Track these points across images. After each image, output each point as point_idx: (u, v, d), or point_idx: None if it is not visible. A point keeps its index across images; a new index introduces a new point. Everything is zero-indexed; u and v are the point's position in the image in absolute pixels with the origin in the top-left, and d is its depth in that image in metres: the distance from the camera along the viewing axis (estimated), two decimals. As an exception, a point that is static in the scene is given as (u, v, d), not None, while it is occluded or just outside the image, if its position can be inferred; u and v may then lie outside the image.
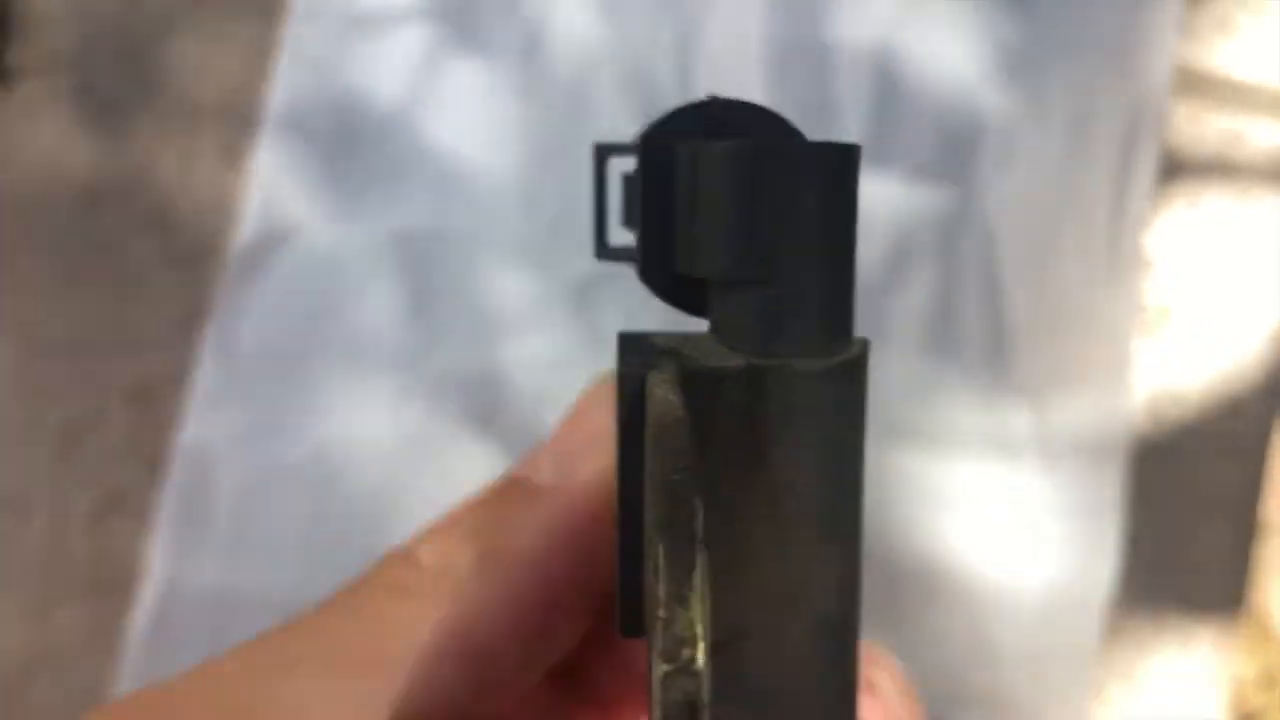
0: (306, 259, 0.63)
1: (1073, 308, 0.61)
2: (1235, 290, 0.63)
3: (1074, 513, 0.60)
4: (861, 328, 0.16)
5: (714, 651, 0.14)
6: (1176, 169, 0.64)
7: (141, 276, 0.64)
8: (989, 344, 0.61)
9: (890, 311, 0.61)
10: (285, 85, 0.65)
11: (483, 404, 0.62)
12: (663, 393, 0.14)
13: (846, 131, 0.63)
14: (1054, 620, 0.59)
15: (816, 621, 0.15)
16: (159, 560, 0.61)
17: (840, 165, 0.15)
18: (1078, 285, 0.61)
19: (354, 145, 0.65)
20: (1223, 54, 0.66)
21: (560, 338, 0.62)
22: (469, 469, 0.61)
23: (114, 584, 0.62)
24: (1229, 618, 0.59)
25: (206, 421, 0.62)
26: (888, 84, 0.64)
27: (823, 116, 0.64)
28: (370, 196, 0.64)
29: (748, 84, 0.64)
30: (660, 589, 0.13)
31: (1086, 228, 0.63)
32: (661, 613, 0.13)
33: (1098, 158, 0.64)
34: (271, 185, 0.64)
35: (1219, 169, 0.64)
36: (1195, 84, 0.65)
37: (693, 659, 0.13)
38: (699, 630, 0.13)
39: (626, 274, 0.17)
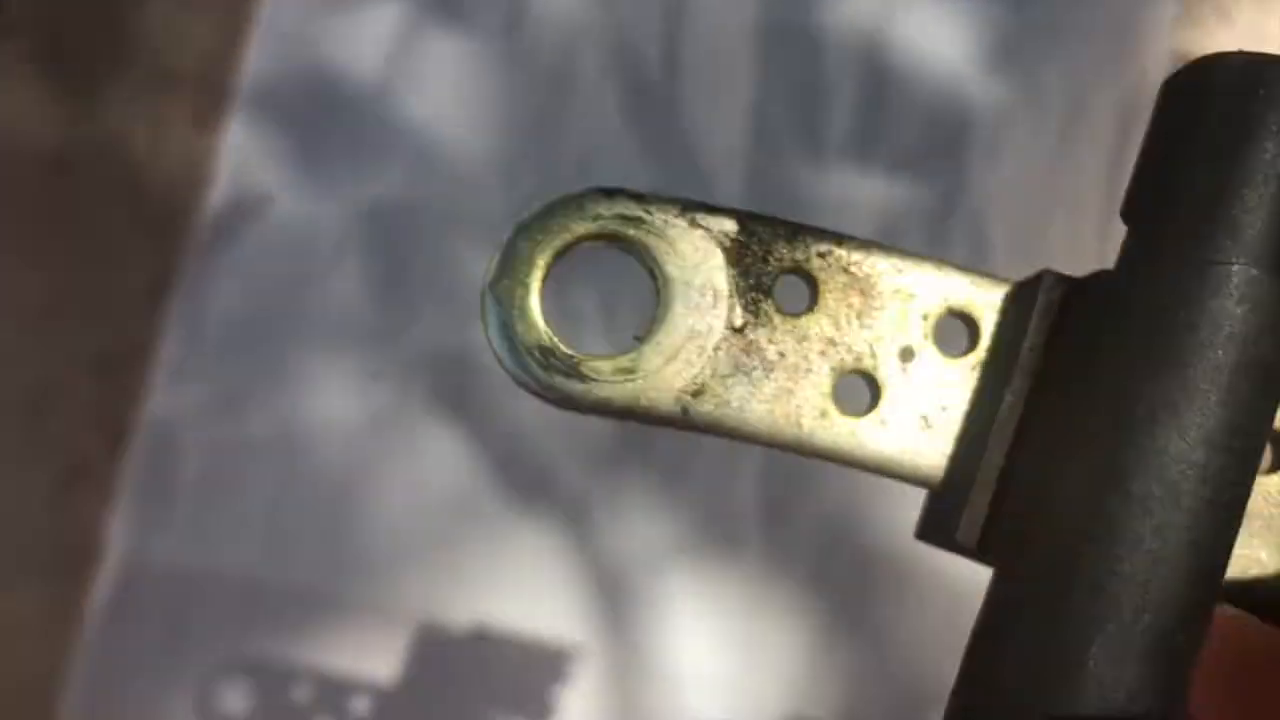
0: (278, 231, 0.62)
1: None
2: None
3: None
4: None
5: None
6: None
7: (110, 245, 0.63)
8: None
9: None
10: (260, 54, 0.63)
11: (455, 384, 0.61)
12: None
13: (833, 118, 0.62)
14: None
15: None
16: (121, 535, 0.60)
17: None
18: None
19: (329, 117, 0.63)
20: (1222, 42, 0.64)
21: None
22: (439, 451, 0.60)
23: (75, 558, 0.61)
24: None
25: (172, 394, 0.61)
26: (877, 70, 0.63)
27: (810, 103, 0.62)
28: (344, 169, 0.63)
29: (736, 67, 0.63)
30: None
31: (1078, 219, 0.62)
32: None
33: (1091, 148, 0.62)
34: (244, 155, 0.63)
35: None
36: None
37: None
38: None
39: (602, 255, 0.17)
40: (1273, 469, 0.17)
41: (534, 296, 0.16)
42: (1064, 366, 0.16)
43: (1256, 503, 0.16)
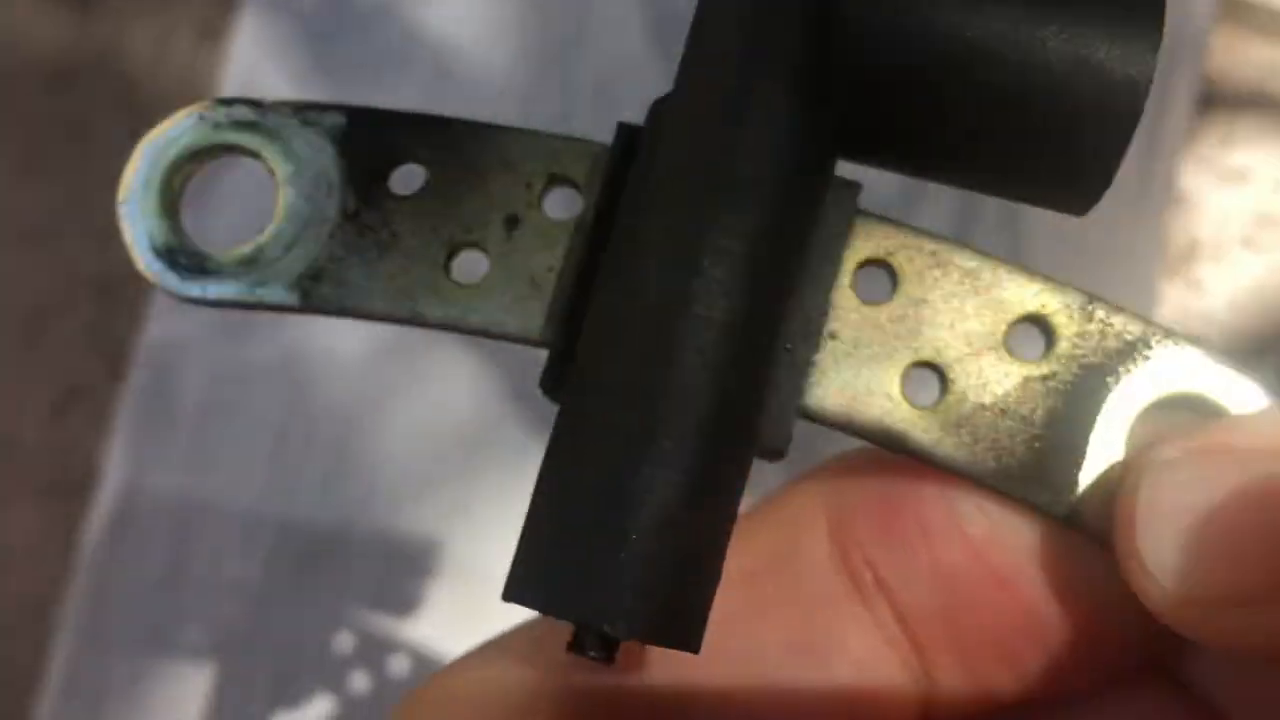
0: (286, 151, 0.60)
1: (1096, 242, 0.58)
2: (1265, 231, 0.60)
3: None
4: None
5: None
6: (1213, 100, 0.61)
7: (111, 161, 0.60)
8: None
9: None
10: (270, -37, 0.61)
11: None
12: None
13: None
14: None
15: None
16: (119, 461, 0.58)
17: None
18: (1102, 218, 0.58)
19: (342, 31, 0.61)
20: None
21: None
22: (445, 379, 0.58)
23: (71, 483, 0.59)
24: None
25: (173, 318, 0.59)
26: None
27: None
28: (357, 87, 0.60)
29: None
30: None
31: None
32: None
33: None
34: (251, 70, 0.60)
35: (1256, 103, 0.61)
36: (1235, 11, 0.61)
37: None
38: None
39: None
40: (885, 298, 0.18)
41: (160, 203, 0.18)
42: (623, 200, 0.17)
43: (864, 330, 0.18)
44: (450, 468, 0.58)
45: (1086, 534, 0.17)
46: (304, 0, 0.61)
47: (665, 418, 0.15)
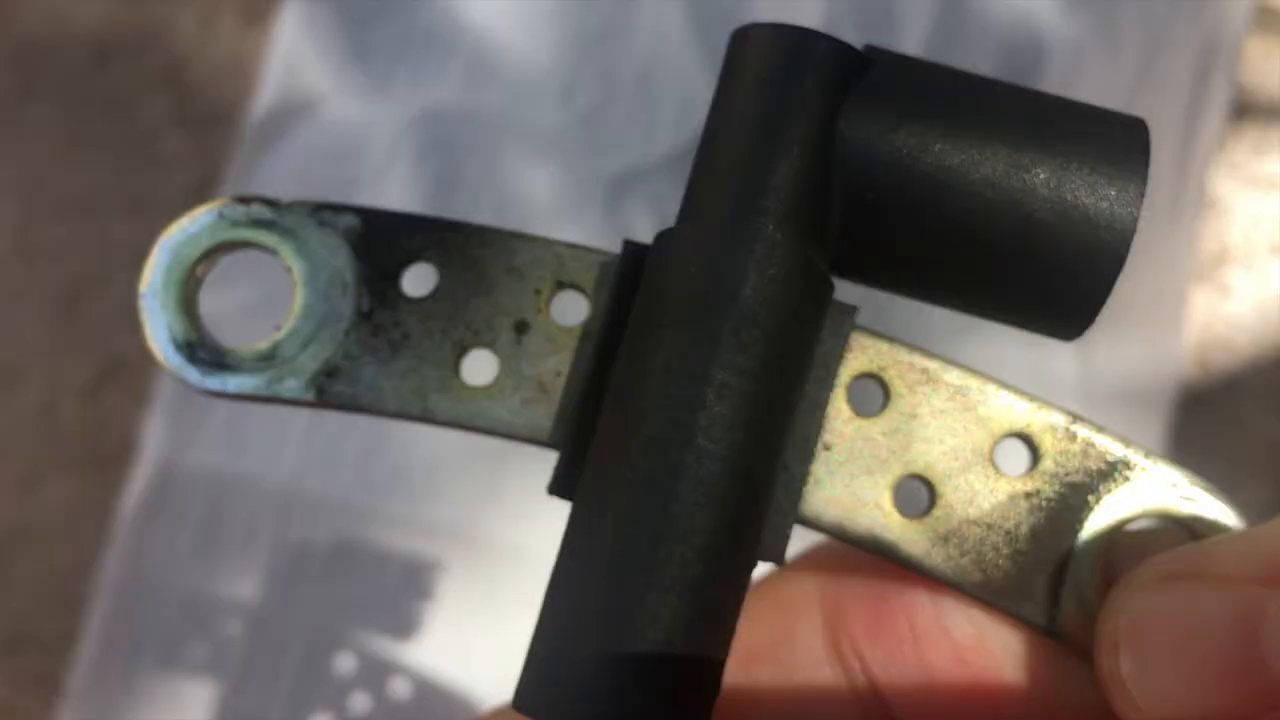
0: (327, 134, 0.60)
1: (1127, 245, 0.58)
2: (1297, 240, 0.60)
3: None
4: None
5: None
6: (1246, 108, 0.61)
7: (151, 138, 0.61)
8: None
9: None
10: (316, -53, 0.61)
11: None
12: None
13: (905, 46, 0.60)
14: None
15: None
16: (155, 437, 0.59)
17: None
18: (1135, 221, 0.58)
19: (386, 17, 0.61)
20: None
21: (588, 238, 0.59)
22: (482, 366, 0.59)
23: (107, 458, 0.60)
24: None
25: (212, 296, 0.59)
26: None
27: (882, 27, 0.60)
28: (399, 73, 0.61)
29: (807, -16, 0.61)
30: None
31: (1152, 165, 0.60)
32: None
33: (1168, 90, 0.60)
34: (295, 52, 0.61)
35: (1291, 112, 0.61)
36: (1271, 21, 0.62)
37: None
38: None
39: (659, 174, 0.19)
40: (877, 411, 0.18)
41: (180, 298, 0.18)
42: (631, 322, 0.17)
43: (858, 443, 0.18)
44: (483, 450, 0.58)
45: (1067, 645, 0.18)
46: (349, -14, 0.61)
47: (669, 549, 0.16)
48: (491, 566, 0.57)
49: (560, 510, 0.18)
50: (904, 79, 0.17)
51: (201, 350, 0.18)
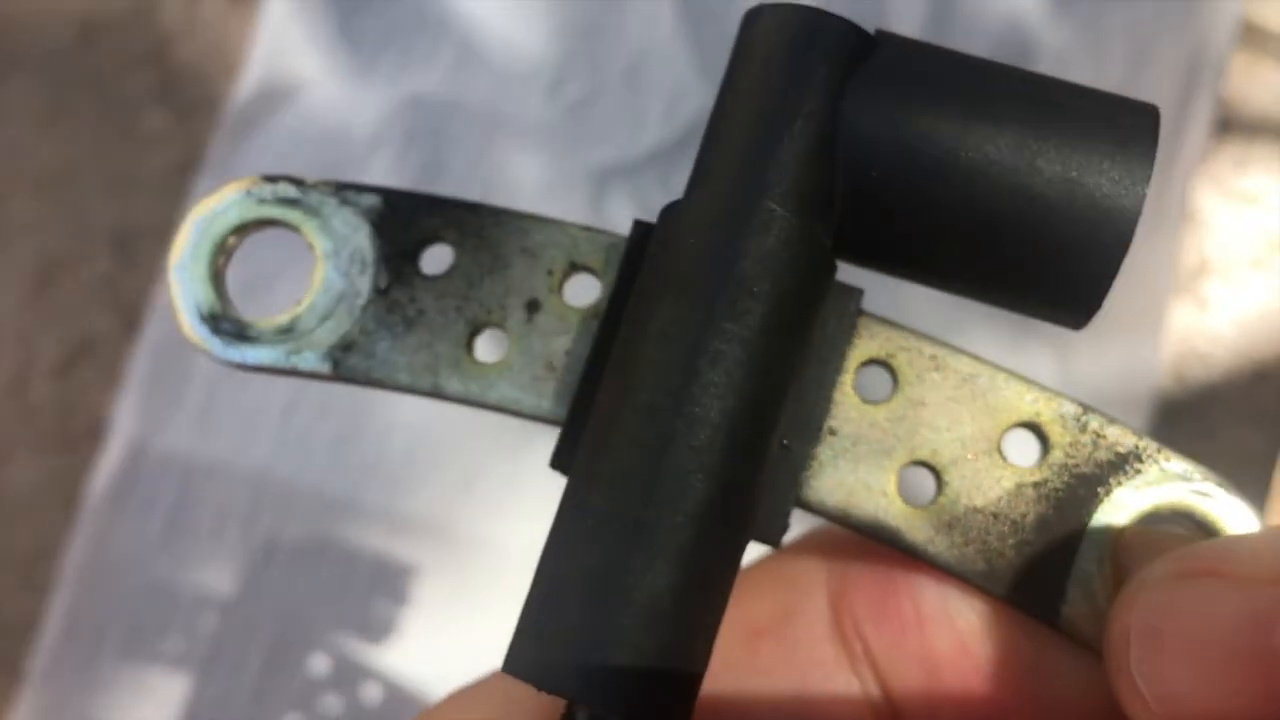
0: (311, 118, 0.60)
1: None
2: (1275, 253, 0.60)
3: (1085, 466, 0.57)
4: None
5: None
6: (1228, 123, 0.61)
7: (134, 118, 0.60)
8: (1016, 284, 0.58)
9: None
10: (306, -70, 0.61)
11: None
12: None
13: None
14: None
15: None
16: (126, 418, 0.58)
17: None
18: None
19: (372, 2, 0.61)
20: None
21: (571, 230, 0.59)
22: (494, 344, 0.58)
23: (76, 438, 0.59)
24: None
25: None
26: (943, 2, 0.61)
27: (873, 24, 0.60)
28: (387, 58, 0.60)
29: (797, -18, 0.61)
30: None
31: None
32: None
33: (1152, 102, 0.61)
34: (281, 35, 0.60)
35: (1271, 127, 0.62)
36: (1256, 38, 0.62)
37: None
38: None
39: (645, 168, 0.19)
40: (885, 398, 0.18)
41: (208, 273, 0.19)
42: (634, 297, 0.17)
43: (863, 429, 0.18)
44: (459, 442, 0.58)
45: (1072, 638, 0.18)
46: (338, -31, 0.61)
47: (658, 512, 0.16)
48: (465, 560, 0.56)
49: (536, 504, 0.18)
50: (910, 61, 0.17)
51: (225, 323, 0.19)
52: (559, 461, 0.18)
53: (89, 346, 0.59)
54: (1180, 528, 0.18)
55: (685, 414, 0.16)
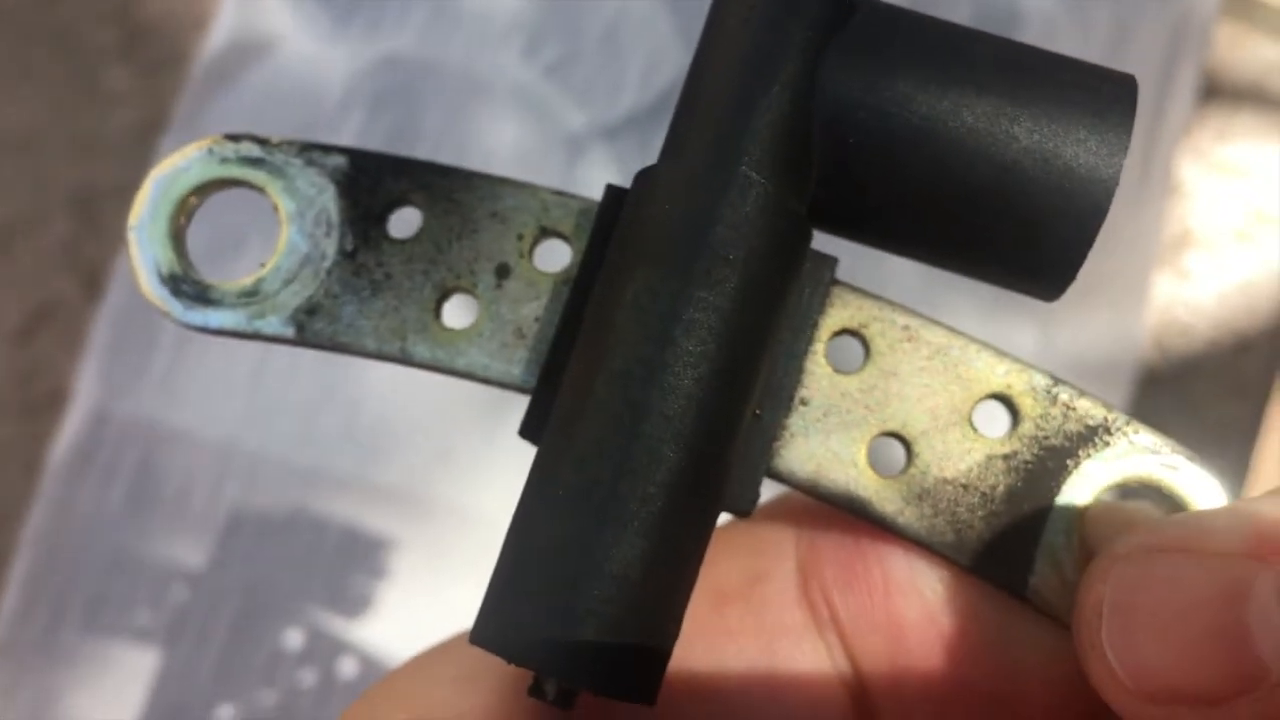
0: (281, 77, 0.58)
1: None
2: (1257, 225, 0.60)
3: (1066, 437, 0.57)
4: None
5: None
6: (1212, 93, 0.61)
7: (98, 74, 0.59)
8: (998, 253, 0.58)
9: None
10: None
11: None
12: None
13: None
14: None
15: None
16: (88, 384, 0.57)
17: None
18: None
19: (344, -40, 0.60)
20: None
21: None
22: (463, 310, 0.57)
23: (37, 405, 0.57)
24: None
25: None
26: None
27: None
28: (359, 15, 0.59)
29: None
30: None
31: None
32: None
33: (1136, 72, 0.60)
34: (250, -6, 0.59)
35: (1255, 98, 0.61)
36: (1241, 7, 0.62)
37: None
38: None
39: (622, 132, 0.18)
40: (857, 368, 0.18)
41: (168, 233, 0.18)
42: (606, 263, 0.17)
43: (835, 399, 0.18)
44: (433, 409, 0.57)
45: (1038, 610, 0.18)
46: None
47: (630, 482, 0.16)
48: (440, 531, 0.55)
49: (512, 475, 0.17)
50: (887, 27, 0.17)
51: (186, 285, 0.18)
52: (528, 430, 0.18)
53: (50, 311, 0.58)
54: (1148, 500, 0.18)
55: (658, 383, 0.16)
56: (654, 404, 0.16)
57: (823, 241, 0.18)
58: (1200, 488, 0.18)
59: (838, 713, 0.19)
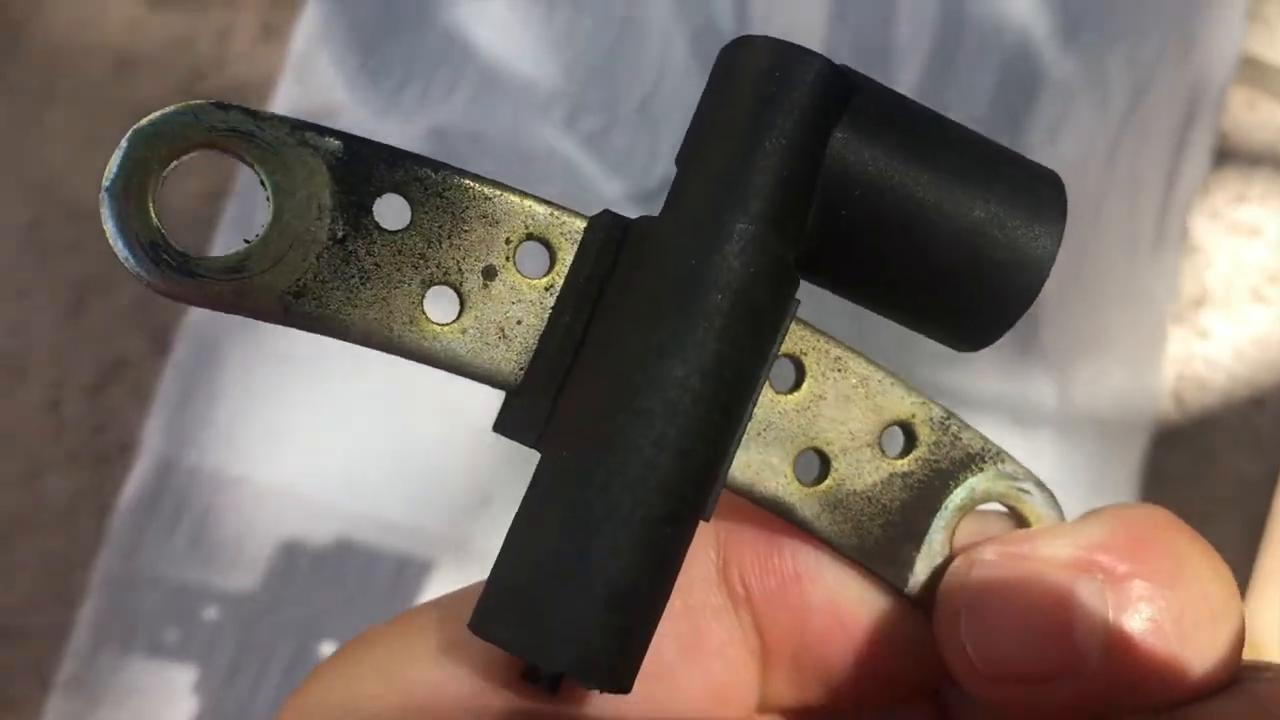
0: (337, 147, 0.62)
1: (1110, 283, 0.60)
2: (1273, 286, 0.62)
3: (1087, 491, 0.59)
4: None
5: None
6: (1228, 156, 0.63)
7: (167, 147, 0.63)
8: (1019, 311, 0.59)
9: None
10: (332, -33, 0.63)
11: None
12: None
13: (901, 78, 0.62)
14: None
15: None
16: (156, 436, 0.60)
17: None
18: (1118, 260, 0.60)
19: (397, 33, 0.63)
20: (1292, 43, 0.64)
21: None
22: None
23: (107, 455, 0.61)
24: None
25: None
26: (951, 31, 0.63)
27: (880, 59, 0.62)
28: (409, 90, 0.63)
29: (807, 18, 0.63)
30: None
31: (1134, 203, 0.62)
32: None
33: (1153, 133, 0.62)
34: (307, 68, 0.63)
35: (1271, 161, 0.63)
36: (1256, 72, 0.64)
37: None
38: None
39: (655, 198, 0.20)
40: (792, 389, 0.20)
41: (147, 196, 0.18)
42: (610, 296, 0.19)
43: (773, 416, 0.20)
44: (473, 461, 0.59)
45: (915, 604, 0.21)
46: (362, 4, 0.63)
47: (631, 498, 0.18)
48: (479, 572, 0.58)
49: None
50: (886, 110, 0.19)
51: (166, 253, 0.18)
52: (501, 428, 0.19)
53: (120, 367, 0.61)
54: (1006, 516, 0.22)
55: (674, 418, 0.18)
56: (670, 438, 0.18)
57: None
58: (1044, 509, 0.22)
59: (750, 678, 0.22)
